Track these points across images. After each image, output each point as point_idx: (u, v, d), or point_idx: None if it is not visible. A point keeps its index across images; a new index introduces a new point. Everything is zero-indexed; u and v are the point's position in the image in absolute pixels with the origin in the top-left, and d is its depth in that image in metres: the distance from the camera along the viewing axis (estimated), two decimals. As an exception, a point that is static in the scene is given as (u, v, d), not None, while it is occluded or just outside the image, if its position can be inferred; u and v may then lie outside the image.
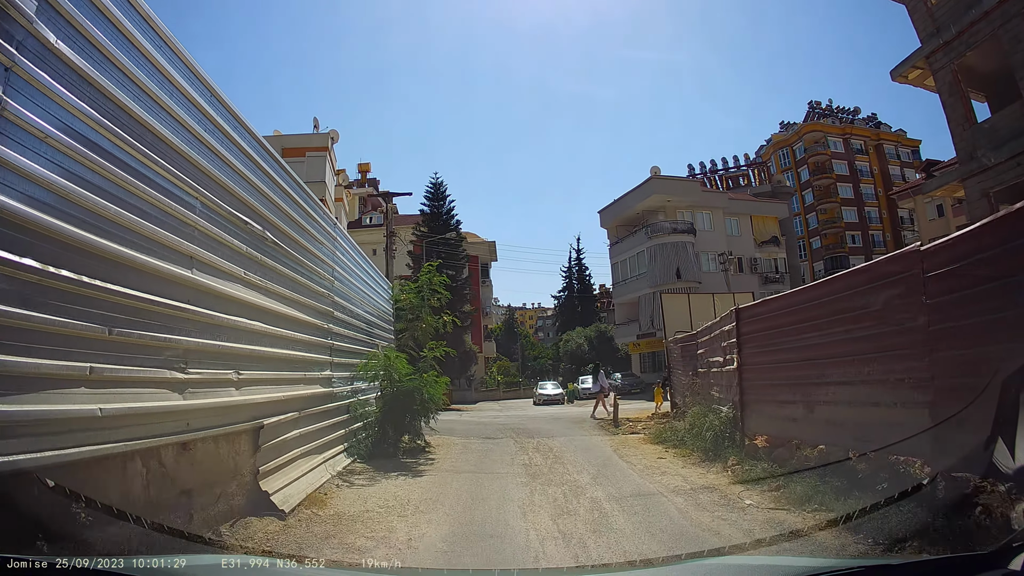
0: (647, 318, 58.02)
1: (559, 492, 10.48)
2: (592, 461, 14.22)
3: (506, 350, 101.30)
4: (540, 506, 9.47)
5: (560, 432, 22.14)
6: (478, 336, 71.05)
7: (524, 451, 16.78)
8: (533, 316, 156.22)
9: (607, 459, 14.71)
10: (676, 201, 60.64)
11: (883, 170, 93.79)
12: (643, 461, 14.05)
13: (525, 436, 21.03)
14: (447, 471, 13.27)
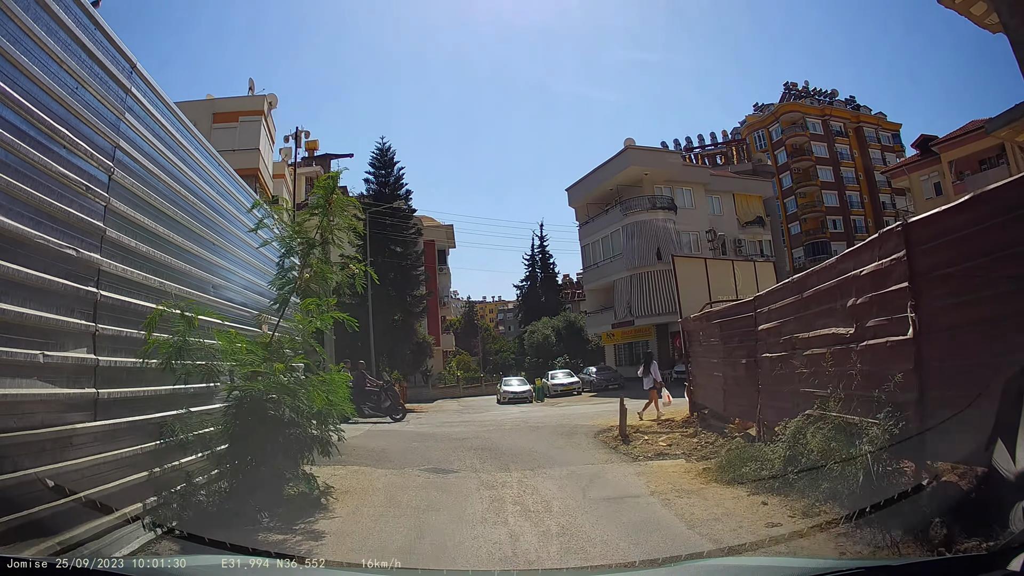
0: (624, 304, 51.44)
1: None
2: (643, 545, 7.07)
3: (466, 345, 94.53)
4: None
5: (548, 453, 14.88)
6: (435, 327, 64.44)
7: (499, 506, 9.32)
8: (494, 309, 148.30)
9: (671, 537, 7.34)
10: (655, 174, 53.94)
11: (863, 153, 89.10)
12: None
13: (496, 464, 13.49)
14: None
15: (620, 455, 14.36)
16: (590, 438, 17.79)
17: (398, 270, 42.02)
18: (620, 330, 53.49)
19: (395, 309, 41.70)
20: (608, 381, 47.52)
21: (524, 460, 13.75)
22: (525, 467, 12.73)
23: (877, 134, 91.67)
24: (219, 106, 42.06)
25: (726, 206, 59.50)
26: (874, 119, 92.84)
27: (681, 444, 15.04)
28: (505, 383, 46.04)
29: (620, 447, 15.46)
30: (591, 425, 20.61)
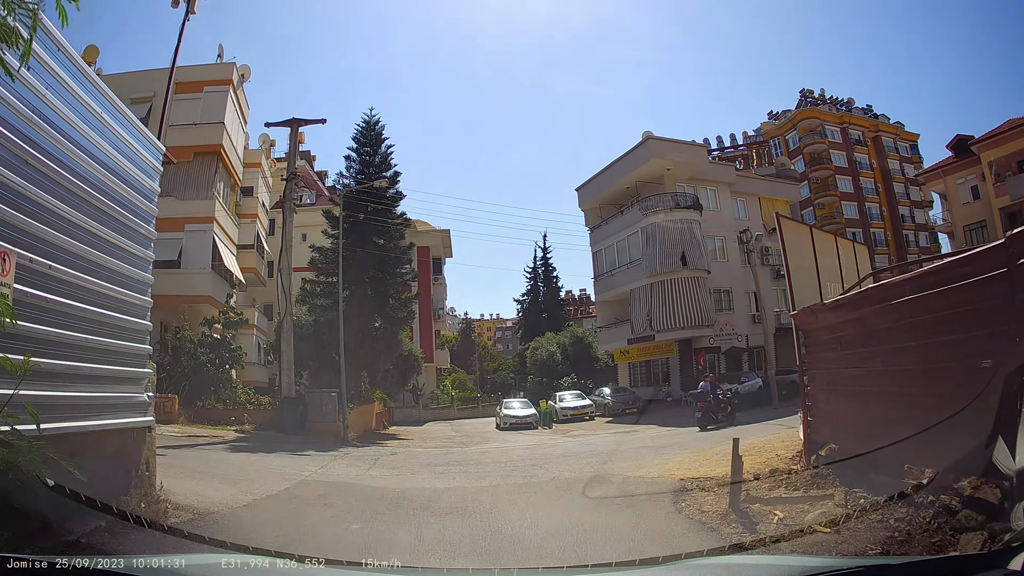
0: (642, 317, 43.79)
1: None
2: None
3: (462, 363, 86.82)
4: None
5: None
6: (428, 342, 57.51)
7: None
8: (492, 327, 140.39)
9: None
10: (677, 170, 46.42)
11: (882, 164, 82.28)
12: None
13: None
14: None
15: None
16: (674, 512, 10.20)
17: (379, 266, 34.36)
18: (637, 346, 45.90)
19: (374, 314, 33.96)
20: (625, 404, 40.04)
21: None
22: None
23: (896, 144, 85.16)
24: (182, 75, 34.78)
25: (752, 210, 51.97)
26: (892, 128, 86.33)
27: (854, 525, 7.57)
28: (506, 406, 38.74)
29: (750, 536, 8.07)
30: (647, 477, 13.67)
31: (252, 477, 13.94)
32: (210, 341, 29.25)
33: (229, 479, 13.41)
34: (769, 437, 17.56)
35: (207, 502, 10.45)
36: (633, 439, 24.67)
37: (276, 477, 14.18)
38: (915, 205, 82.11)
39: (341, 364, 28.16)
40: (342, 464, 17.92)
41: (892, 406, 8.97)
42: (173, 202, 32.58)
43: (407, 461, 19.54)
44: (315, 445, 22.45)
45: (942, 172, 54.55)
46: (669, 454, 17.49)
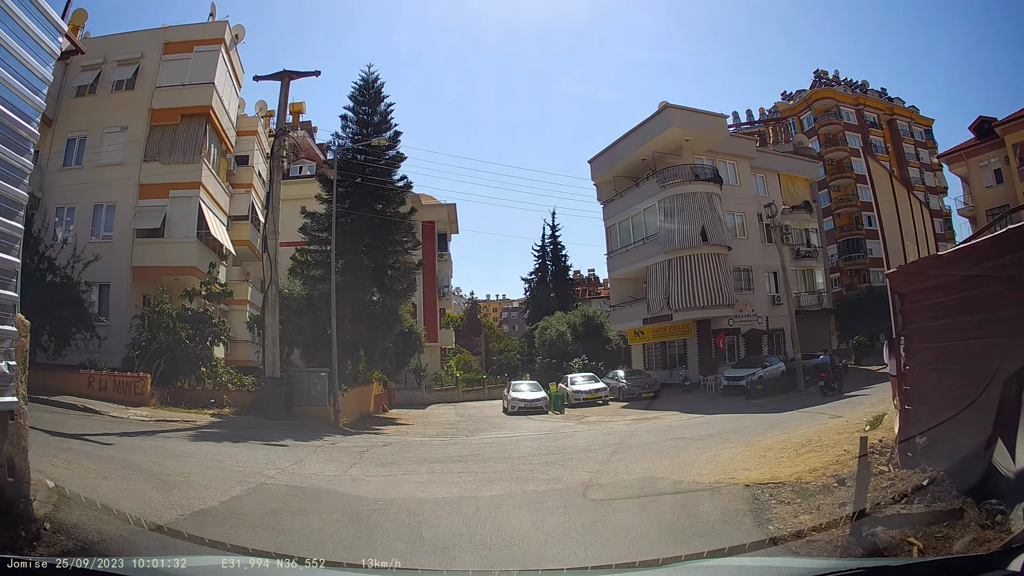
0: (659, 295, 40.33)
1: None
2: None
3: (467, 344, 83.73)
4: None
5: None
6: (432, 320, 54.28)
7: None
8: (497, 308, 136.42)
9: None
10: (696, 141, 42.86)
11: (896, 147, 78.46)
12: None
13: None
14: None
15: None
16: (771, 546, 7.29)
17: (377, 233, 30.52)
18: (652, 327, 42.58)
19: (372, 286, 30.37)
20: (641, 388, 36.69)
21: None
22: None
23: (910, 128, 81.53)
24: (172, 35, 32.84)
25: (771, 186, 48.37)
26: (907, 112, 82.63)
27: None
28: (514, 388, 35.38)
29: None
30: (703, 483, 10.75)
31: (196, 479, 10.65)
32: (190, 315, 25.75)
33: (166, 481, 10.21)
34: (817, 428, 15.92)
35: (105, 522, 7.02)
36: (658, 428, 21.54)
37: (229, 478, 10.87)
38: (930, 191, 78.17)
39: (333, 341, 24.81)
40: (321, 459, 14.61)
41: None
42: (158, 167, 30.11)
43: (401, 454, 16.25)
44: (298, 432, 19.16)
45: (964, 154, 51.16)
46: (712, 448, 14.80)
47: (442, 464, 14.24)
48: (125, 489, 9.37)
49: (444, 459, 15.21)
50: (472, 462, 14.41)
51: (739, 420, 21.50)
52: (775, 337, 44.51)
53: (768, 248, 44.96)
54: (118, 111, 31.18)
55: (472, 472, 12.90)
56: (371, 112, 31.60)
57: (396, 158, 31.69)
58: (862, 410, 18.28)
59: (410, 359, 38.34)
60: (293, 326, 29.11)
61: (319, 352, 28.47)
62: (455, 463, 14.36)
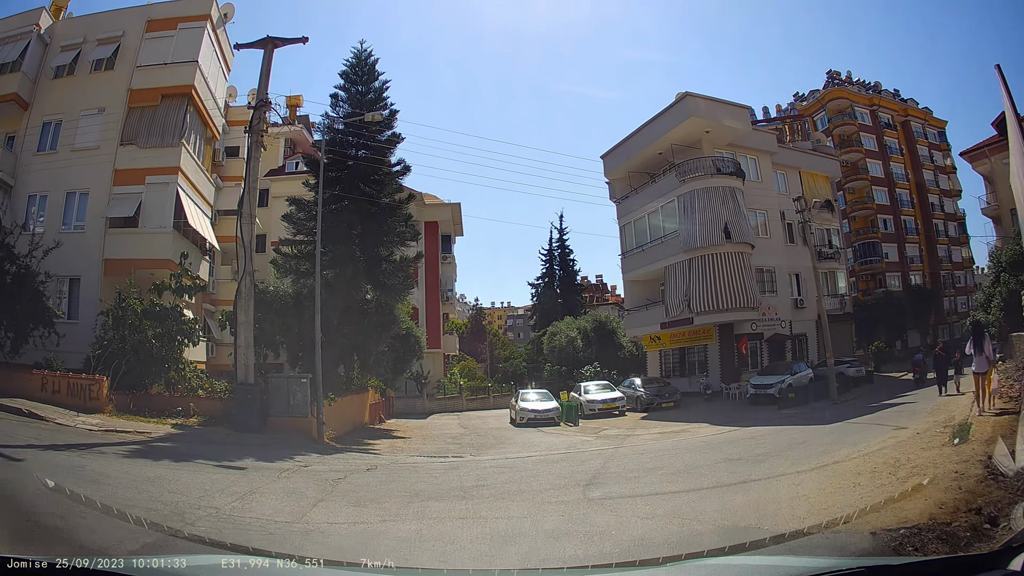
0: (679, 297, 36.62)
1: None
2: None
3: (472, 352, 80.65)
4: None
5: None
6: (435, 326, 51.11)
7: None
8: (503, 315, 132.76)
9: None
10: (717, 133, 39.10)
11: (911, 149, 74.86)
12: None
13: None
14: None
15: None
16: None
17: (370, 221, 26.73)
18: (670, 331, 38.83)
19: (363, 281, 26.59)
20: (660, 397, 33.11)
21: None
22: None
23: (924, 130, 78.10)
24: (154, 12, 29.73)
25: (792, 184, 45.03)
26: (921, 113, 79.25)
27: None
28: (522, 398, 31.84)
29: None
30: (806, 527, 7.30)
31: (75, 523, 7.12)
32: (157, 311, 22.09)
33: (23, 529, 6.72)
34: (887, 441, 13.64)
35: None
36: (695, 444, 18.14)
37: (125, 527, 7.30)
38: (944, 194, 76.24)
39: (316, 341, 21.20)
40: (281, 490, 10.93)
41: None
42: (134, 151, 27.16)
43: (387, 485, 12.59)
44: (266, 450, 15.66)
45: (987, 151, 47.64)
46: (780, 472, 11.77)
47: (438, 503, 10.59)
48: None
49: (441, 493, 11.62)
50: (478, 499, 10.84)
51: (784, 434, 18.54)
52: (798, 342, 41.17)
53: (791, 249, 41.90)
54: (96, 92, 28.32)
55: (480, 518, 9.19)
56: (364, 91, 27.76)
57: (392, 139, 27.89)
58: (921, 419, 16.94)
59: (408, 365, 34.39)
60: (278, 327, 25.69)
61: (307, 356, 25.05)
62: (456, 500, 10.76)
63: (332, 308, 24.06)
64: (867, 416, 20.75)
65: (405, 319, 31.18)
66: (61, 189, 27.22)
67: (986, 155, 48.00)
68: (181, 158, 27.56)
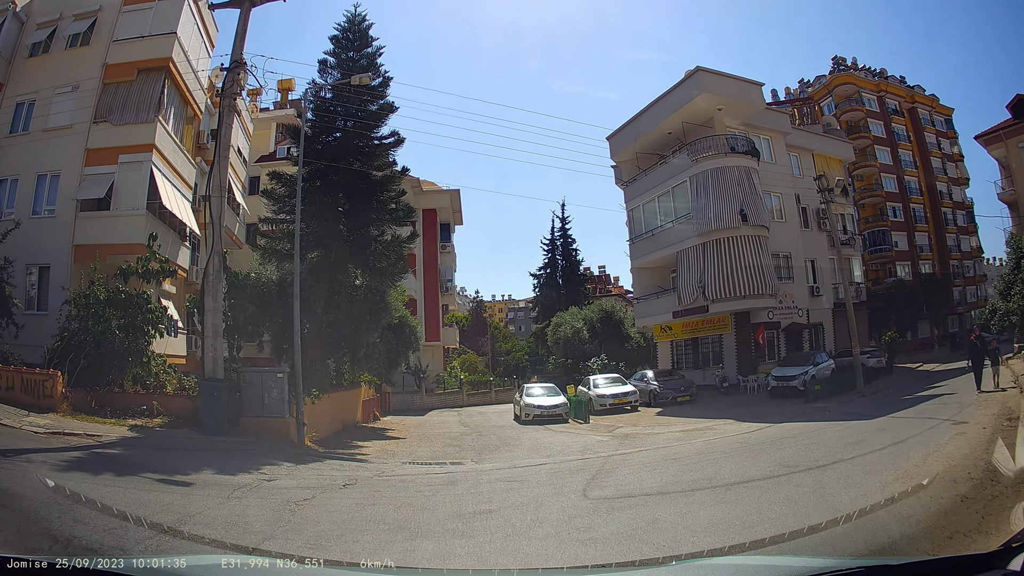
0: (692, 284, 33.98)
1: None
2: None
3: (472, 346, 77.45)
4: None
5: None
6: (435, 318, 49.22)
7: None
8: (503, 308, 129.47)
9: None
10: (729, 110, 36.34)
11: (918, 136, 72.32)
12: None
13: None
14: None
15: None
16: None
17: (358, 197, 24.57)
18: (683, 321, 36.29)
19: (350, 262, 23.58)
20: (676, 391, 30.42)
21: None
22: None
23: (931, 117, 75.47)
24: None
25: (805, 166, 42.62)
26: (928, 100, 76.85)
27: None
28: (527, 393, 29.11)
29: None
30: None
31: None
32: (122, 299, 19.44)
33: None
34: (955, 440, 11.89)
35: None
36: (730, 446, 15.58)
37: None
38: (952, 182, 73.95)
39: (295, 331, 18.51)
40: (218, 521, 7.89)
41: None
42: (108, 129, 24.75)
43: (362, 511, 9.35)
44: (230, 458, 13.15)
45: (1003, 135, 45.20)
46: (855, 477, 9.96)
47: (427, 542, 7.52)
48: None
49: (432, 526, 8.49)
50: (482, 535, 7.78)
51: (827, 432, 16.35)
52: (815, 332, 38.83)
53: (807, 234, 39.67)
54: (71, 70, 25.93)
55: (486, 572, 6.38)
56: (356, 57, 24.68)
57: (385, 109, 24.87)
58: (976, 413, 15.42)
59: (403, 357, 31.33)
60: (261, 318, 23.08)
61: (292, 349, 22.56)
62: (452, 539, 7.71)
63: (316, 294, 21.53)
64: (909, 410, 18.86)
65: (399, 307, 28.29)
66: (32, 172, 24.93)
67: (1001, 139, 45.67)
68: (156, 135, 24.95)
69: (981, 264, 78.22)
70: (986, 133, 49.35)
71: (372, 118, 24.18)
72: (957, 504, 7.23)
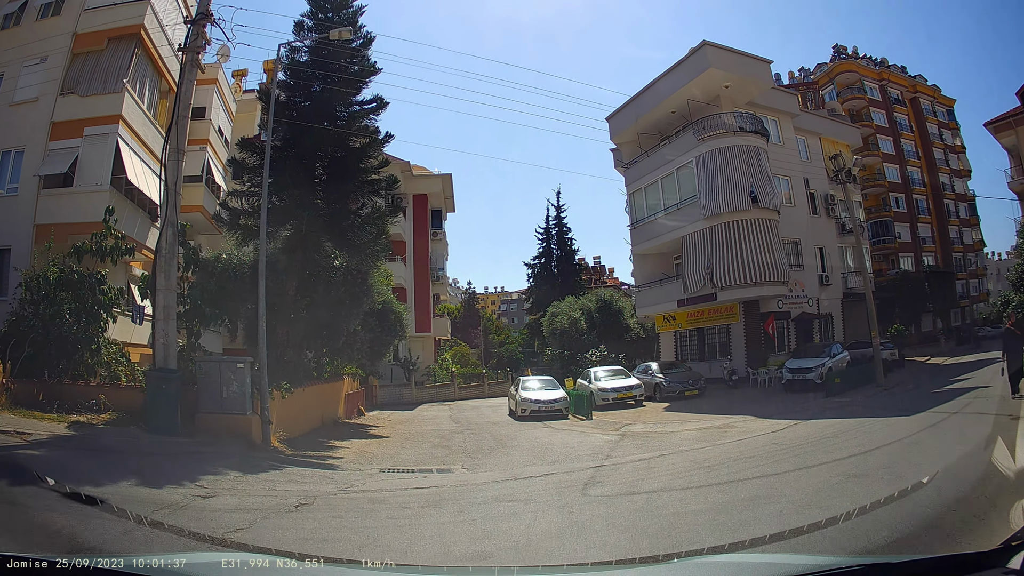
0: (699, 270, 31.80)
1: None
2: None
3: (465, 336, 75.44)
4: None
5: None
6: (425, 307, 47.14)
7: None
8: (496, 301, 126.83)
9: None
10: (737, 88, 34.09)
11: (920, 127, 70.71)
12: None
13: None
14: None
15: None
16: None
17: (335, 166, 21.28)
18: (687, 310, 34.13)
19: (325, 237, 20.94)
20: (683, 384, 28.08)
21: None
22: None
23: (933, 107, 74.01)
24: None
25: (813, 151, 40.56)
26: (930, 90, 75.18)
27: None
28: (523, 387, 26.74)
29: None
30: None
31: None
32: (74, 279, 17.09)
33: None
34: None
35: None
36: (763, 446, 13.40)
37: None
38: (954, 174, 72.55)
39: (260, 313, 16.05)
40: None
41: None
42: (74, 101, 22.74)
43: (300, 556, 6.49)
44: (169, 464, 11.00)
45: (1013, 122, 43.25)
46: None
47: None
48: None
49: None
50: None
51: (869, 429, 14.35)
52: (824, 323, 36.87)
53: (816, 221, 37.85)
54: (40, 41, 23.82)
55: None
56: (335, 18, 22.01)
57: (366, 71, 22.04)
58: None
59: (388, 347, 28.82)
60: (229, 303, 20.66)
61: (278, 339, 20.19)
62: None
63: (290, 275, 19.21)
64: (948, 404, 17.12)
65: (384, 292, 25.72)
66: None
67: (1011, 126, 43.76)
68: (124, 104, 22.73)
69: (983, 257, 76.64)
70: (996, 120, 47.33)
71: (352, 81, 21.48)
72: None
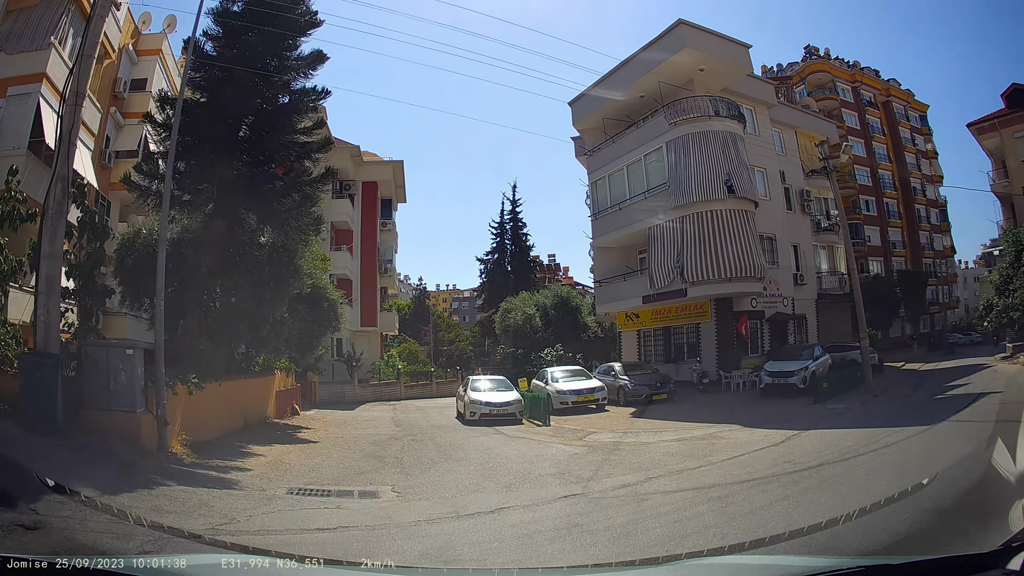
0: (668, 264, 29.97)
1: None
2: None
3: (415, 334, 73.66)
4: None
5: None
6: (371, 301, 44.84)
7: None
8: (447, 298, 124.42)
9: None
10: (713, 72, 32.17)
11: (893, 131, 70.93)
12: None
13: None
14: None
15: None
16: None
17: (262, 125, 18.79)
18: (653, 307, 32.15)
19: (243, 206, 18.49)
20: (650, 387, 26.04)
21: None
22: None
23: (906, 112, 74.42)
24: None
25: (789, 144, 39.42)
26: (903, 94, 75.65)
27: None
28: (472, 387, 24.54)
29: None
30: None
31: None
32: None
33: None
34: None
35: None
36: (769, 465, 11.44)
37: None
38: (926, 179, 72.90)
39: (157, 289, 13.69)
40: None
41: None
42: (1, 58, 20.76)
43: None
44: (21, 476, 8.11)
45: (998, 124, 42.75)
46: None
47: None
48: None
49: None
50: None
51: (887, 442, 12.72)
52: (799, 324, 35.63)
53: (791, 217, 36.67)
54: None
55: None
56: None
57: (308, 21, 19.09)
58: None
59: (320, 339, 26.28)
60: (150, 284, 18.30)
61: (189, 324, 17.88)
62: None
63: (204, 248, 16.91)
64: (964, 412, 16.01)
65: (318, 276, 23.42)
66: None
67: (996, 127, 43.08)
68: (49, 62, 20.70)
69: (953, 264, 76.99)
70: (979, 121, 46.83)
71: (288, 35, 18.98)
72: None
